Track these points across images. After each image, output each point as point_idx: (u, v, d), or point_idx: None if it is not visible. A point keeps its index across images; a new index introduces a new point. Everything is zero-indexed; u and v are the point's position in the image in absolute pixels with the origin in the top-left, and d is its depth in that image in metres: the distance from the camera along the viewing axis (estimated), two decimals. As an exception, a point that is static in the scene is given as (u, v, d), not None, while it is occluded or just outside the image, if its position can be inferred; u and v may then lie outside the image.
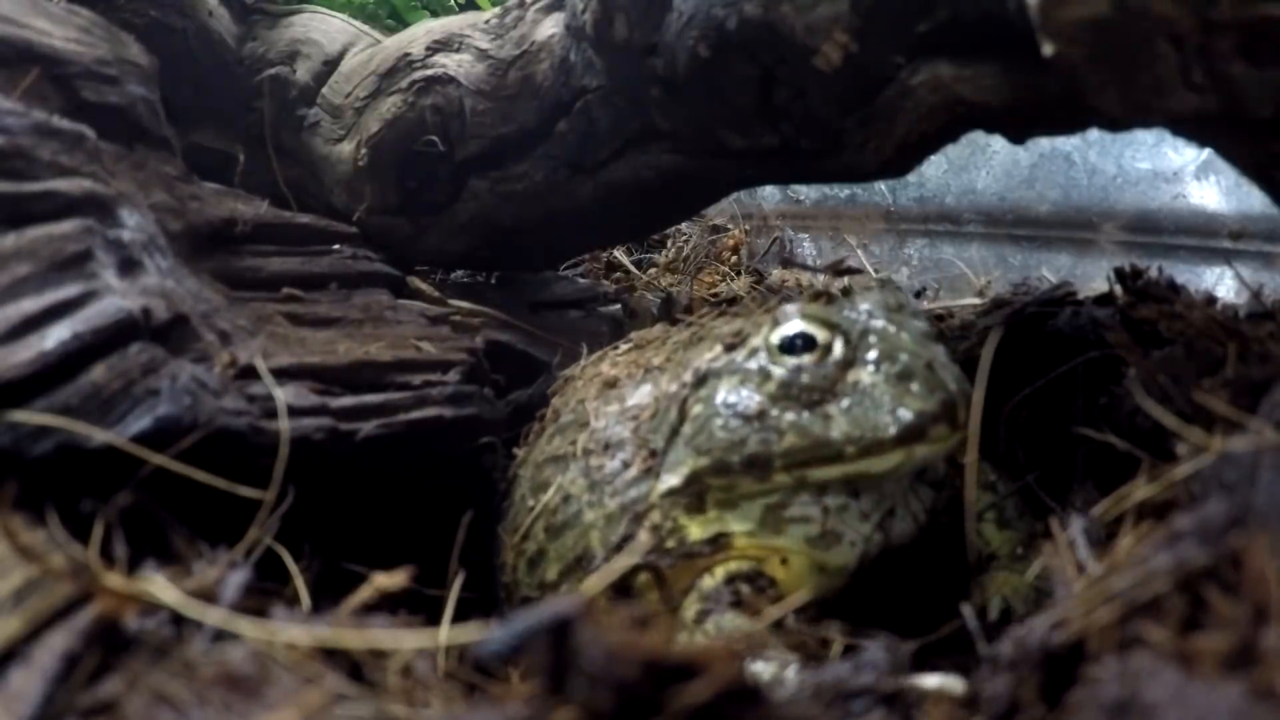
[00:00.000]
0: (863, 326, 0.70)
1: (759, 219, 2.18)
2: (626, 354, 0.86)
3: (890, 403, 0.67)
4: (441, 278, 1.39)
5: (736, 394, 0.71)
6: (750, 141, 0.93)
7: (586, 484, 0.77)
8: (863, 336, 0.70)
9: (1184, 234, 1.45)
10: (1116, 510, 0.59)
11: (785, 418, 0.69)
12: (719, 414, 0.71)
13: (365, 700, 0.44)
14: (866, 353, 0.69)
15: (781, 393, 0.69)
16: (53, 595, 0.47)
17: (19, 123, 0.71)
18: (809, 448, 0.68)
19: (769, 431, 0.69)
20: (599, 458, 0.77)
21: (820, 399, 0.69)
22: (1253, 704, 0.34)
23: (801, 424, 0.68)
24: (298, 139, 1.33)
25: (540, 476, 0.82)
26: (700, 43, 0.86)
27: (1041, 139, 0.89)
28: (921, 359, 0.68)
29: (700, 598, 0.70)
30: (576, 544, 0.76)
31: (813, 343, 0.69)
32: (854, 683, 0.49)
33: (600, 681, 0.36)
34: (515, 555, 0.82)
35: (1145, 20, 0.51)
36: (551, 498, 0.78)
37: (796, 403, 0.69)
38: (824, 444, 0.68)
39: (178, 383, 0.67)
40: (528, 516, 0.81)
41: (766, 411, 0.69)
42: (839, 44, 0.80)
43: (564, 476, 0.78)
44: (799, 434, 0.68)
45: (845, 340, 0.69)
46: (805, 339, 0.70)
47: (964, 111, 0.79)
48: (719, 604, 0.69)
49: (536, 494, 0.81)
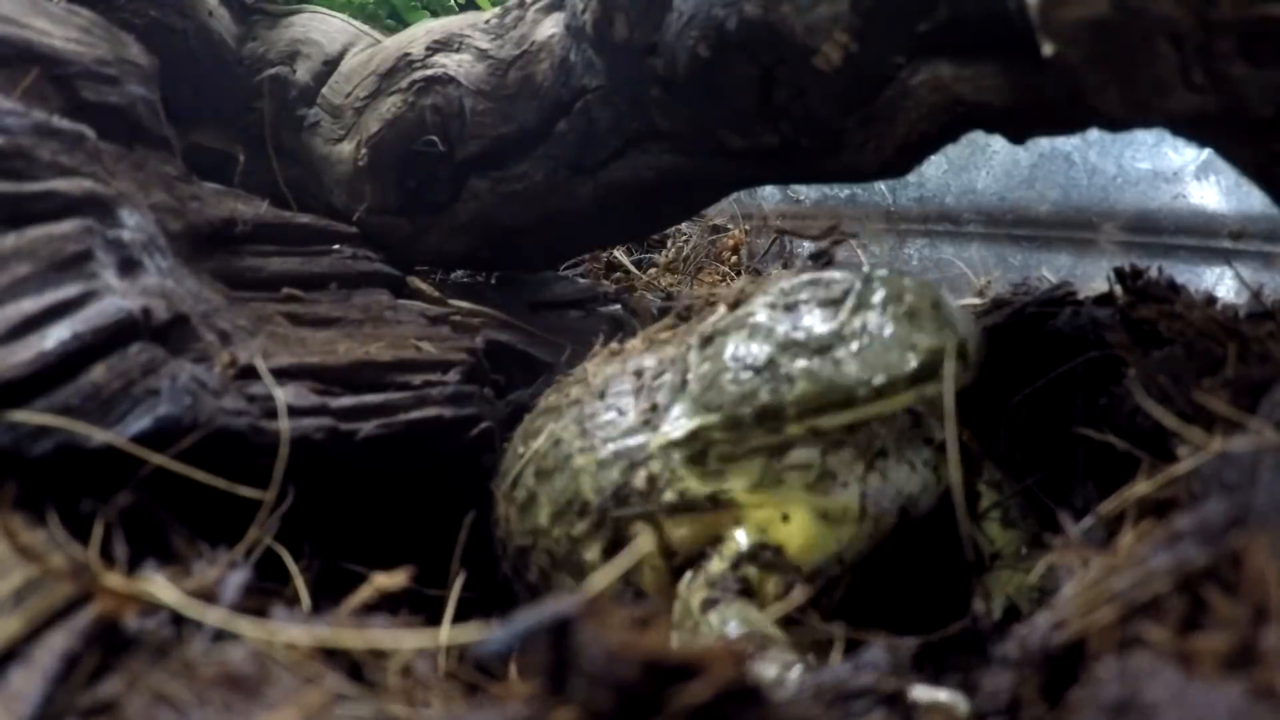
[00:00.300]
0: (866, 274, 0.70)
1: (759, 219, 2.18)
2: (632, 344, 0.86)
3: (900, 342, 0.66)
4: (441, 278, 1.39)
5: (745, 347, 0.70)
6: (750, 141, 0.93)
7: (579, 430, 0.76)
8: (867, 282, 0.69)
9: (1184, 234, 1.45)
10: (1117, 510, 0.59)
11: (795, 365, 0.68)
12: (727, 368, 0.70)
13: (365, 700, 0.44)
14: (872, 296, 0.69)
15: (790, 341, 0.69)
16: (53, 595, 0.47)
17: (19, 123, 0.71)
18: (822, 393, 0.67)
19: (780, 381, 0.68)
20: (593, 405, 0.77)
21: (829, 344, 0.68)
22: (1253, 704, 0.34)
23: (812, 369, 0.67)
24: (298, 139, 1.33)
25: (533, 426, 0.82)
26: (700, 43, 0.86)
27: (1041, 139, 0.89)
28: (927, 299, 0.68)
29: (706, 583, 0.69)
30: (567, 488, 0.76)
31: (818, 288, 0.70)
32: (854, 683, 0.49)
33: (600, 681, 0.36)
34: (506, 504, 0.81)
35: (1145, 20, 0.51)
36: (542, 443, 0.78)
37: (806, 349, 0.68)
38: (837, 388, 0.66)
39: (178, 383, 0.67)
40: (518, 463, 0.80)
41: (776, 360, 0.69)
42: (839, 44, 0.80)
43: (556, 424, 0.78)
44: (810, 380, 0.67)
45: (849, 286, 0.69)
46: (811, 283, 0.70)
47: (964, 111, 0.79)
48: (727, 591, 0.68)
49: (527, 441, 0.81)
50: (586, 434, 0.76)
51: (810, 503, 0.71)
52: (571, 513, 0.75)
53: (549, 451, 0.78)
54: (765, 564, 0.70)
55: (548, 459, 0.78)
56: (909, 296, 0.68)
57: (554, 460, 0.77)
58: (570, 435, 0.77)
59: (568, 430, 0.77)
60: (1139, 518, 0.55)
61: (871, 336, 0.67)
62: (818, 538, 0.71)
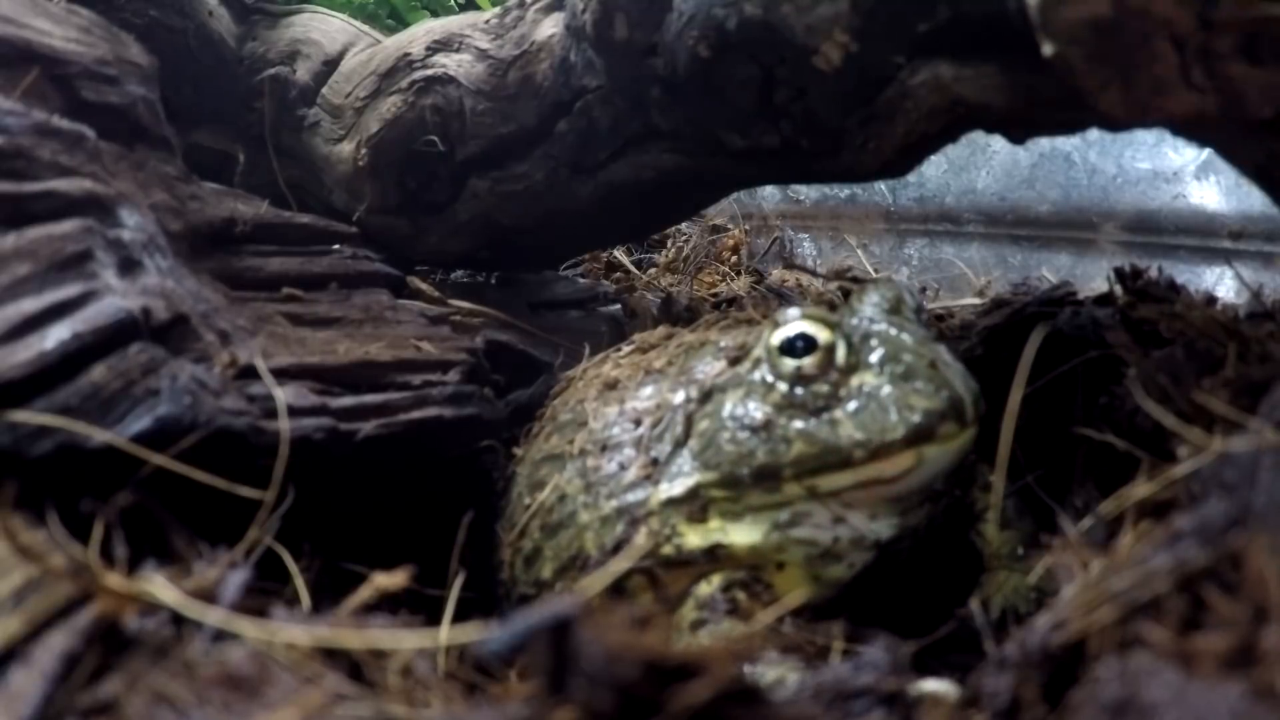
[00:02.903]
0: (864, 330, 0.70)
1: (759, 219, 2.18)
2: (628, 355, 0.86)
3: (896, 403, 0.66)
4: (441, 278, 1.39)
5: (743, 406, 0.71)
6: (750, 141, 0.93)
7: (583, 484, 0.77)
8: (865, 340, 0.69)
9: (1184, 234, 1.45)
10: (1117, 510, 0.59)
11: (792, 426, 0.68)
12: (725, 427, 0.71)
13: (365, 700, 0.44)
14: (869, 355, 0.69)
15: (787, 401, 0.69)
16: (53, 595, 0.47)
17: (19, 123, 0.71)
18: (818, 454, 0.67)
19: (777, 441, 0.68)
20: (596, 459, 0.77)
21: (826, 405, 0.68)
22: (1253, 704, 0.34)
23: (809, 431, 0.68)
24: (298, 139, 1.33)
25: (537, 475, 0.82)
26: (700, 43, 0.86)
27: (1041, 139, 0.89)
28: (925, 358, 0.68)
29: (697, 605, 0.70)
30: (571, 544, 0.76)
31: (814, 344, 0.69)
32: (854, 683, 0.49)
33: (600, 682, 0.36)
34: (512, 553, 0.82)
35: (1145, 20, 0.51)
36: (547, 496, 0.78)
37: (803, 410, 0.69)
38: (833, 449, 0.67)
39: (178, 383, 0.67)
40: (524, 514, 0.81)
41: (773, 421, 0.69)
42: (839, 44, 0.80)
43: (560, 476, 0.78)
44: (807, 441, 0.68)
45: (847, 344, 0.69)
46: (806, 340, 0.69)
47: (964, 111, 0.79)
48: (715, 612, 0.69)
49: (533, 492, 0.81)
50: (590, 488, 0.76)
51: (807, 568, 0.71)
52: (575, 568, 0.76)
53: (554, 506, 0.78)
54: (754, 593, 0.70)
55: (553, 514, 0.78)
56: (907, 356, 0.68)
57: (559, 515, 0.77)
58: (574, 489, 0.77)
59: (572, 484, 0.77)
60: (1139, 518, 0.55)
61: (868, 397, 0.67)
62: (807, 587, 0.71)
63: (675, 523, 0.72)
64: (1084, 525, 0.62)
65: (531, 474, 0.82)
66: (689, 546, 0.71)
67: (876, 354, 0.69)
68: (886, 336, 0.69)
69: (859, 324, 0.70)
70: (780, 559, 0.71)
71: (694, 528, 0.71)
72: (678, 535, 0.72)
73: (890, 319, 0.71)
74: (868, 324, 0.70)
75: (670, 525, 0.72)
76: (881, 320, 0.70)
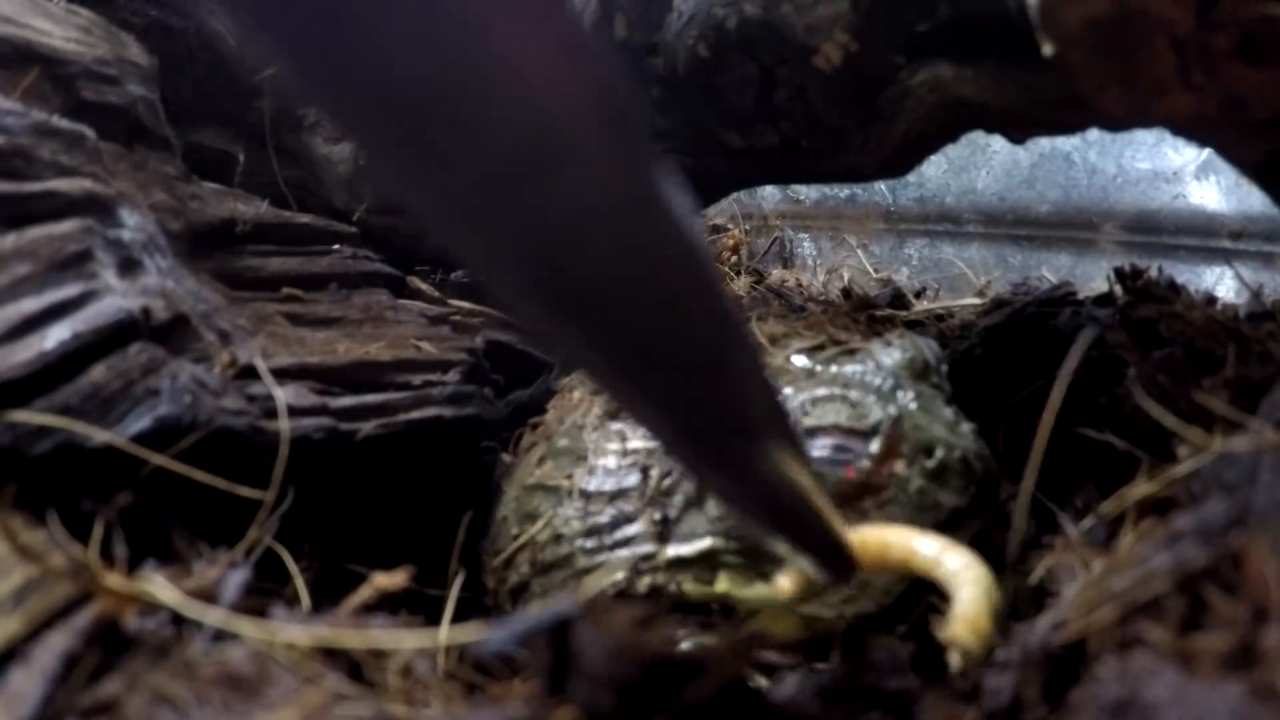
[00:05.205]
0: (897, 412, 0.70)
1: (759, 219, 2.18)
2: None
3: (924, 498, 0.67)
4: (441, 278, 1.39)
5: None
6: (750, 141, 0.93)
7: (582, 528, 0.73)
8: (895, 423, 0.69)
9: (1184, 234, 1.45)
10: (1117, 510, 0.59)
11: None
12: None
13: (365, 700, 0.44)
14: (900, 444, 0.69)
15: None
16: (53, 595, 0.47)
17: (19, 123, 0.71)
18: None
19: None
20: (597, 504, 0.74)
21: (855, 494, 0.67)
22: (1253, 704, 0.34)
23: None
24: (298, 139, 1.33)
25: (529, 504, 0.78)
26: (700, 43, 0.86)
27: (1041, 139, 0.89)
28: (957, 453, 0.69)
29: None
30: (565, 586, 0.73)
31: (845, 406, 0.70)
32: (854, 683, 0.49)
33: (601, 681, 0.36)
34: (497, 582, 0.79)
35: (1145, 20, 0.51)
36: (540, 531, 0.75)
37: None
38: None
39: (178, 383, 0.67)
40: (512, 544, 0.77)
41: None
42: (839, 44, 0.80)
43: (556, 512, 0.75)
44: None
45: (878, 422, 0.69)
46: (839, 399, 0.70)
47: (964, 111, 0.79)
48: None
49: (523, 523, 0.77)
50: (591, 534, 0.73)
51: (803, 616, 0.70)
52: None
53: (548, 544, 0.75)
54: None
55: (546, 551, 0.75)
56: (939, 450, 0.69)
57: (553, 555, 0.74)
58: (572, 532, 0.74)
59: (570, 526, 0.74)
60: (1139, 518, 0.56)
61: (896, 489, 0.67)
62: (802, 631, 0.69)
63: (681, 580, 0.70)
64: (1084, 525, 0.62)
65: (522, 501, 0.79)
66: (692, 595, 0.70)
67: (908, 444, 0.69)
68: (919, 421, 0.70)
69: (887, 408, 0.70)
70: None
71: (700, 586, 0.70)
72: (679, 587, 0.70)
73: (917, 386, 0.71)
74: (896, 406, 0.71)
75: (676, 581, 0.70)
76: (910, 393, 0.71)
